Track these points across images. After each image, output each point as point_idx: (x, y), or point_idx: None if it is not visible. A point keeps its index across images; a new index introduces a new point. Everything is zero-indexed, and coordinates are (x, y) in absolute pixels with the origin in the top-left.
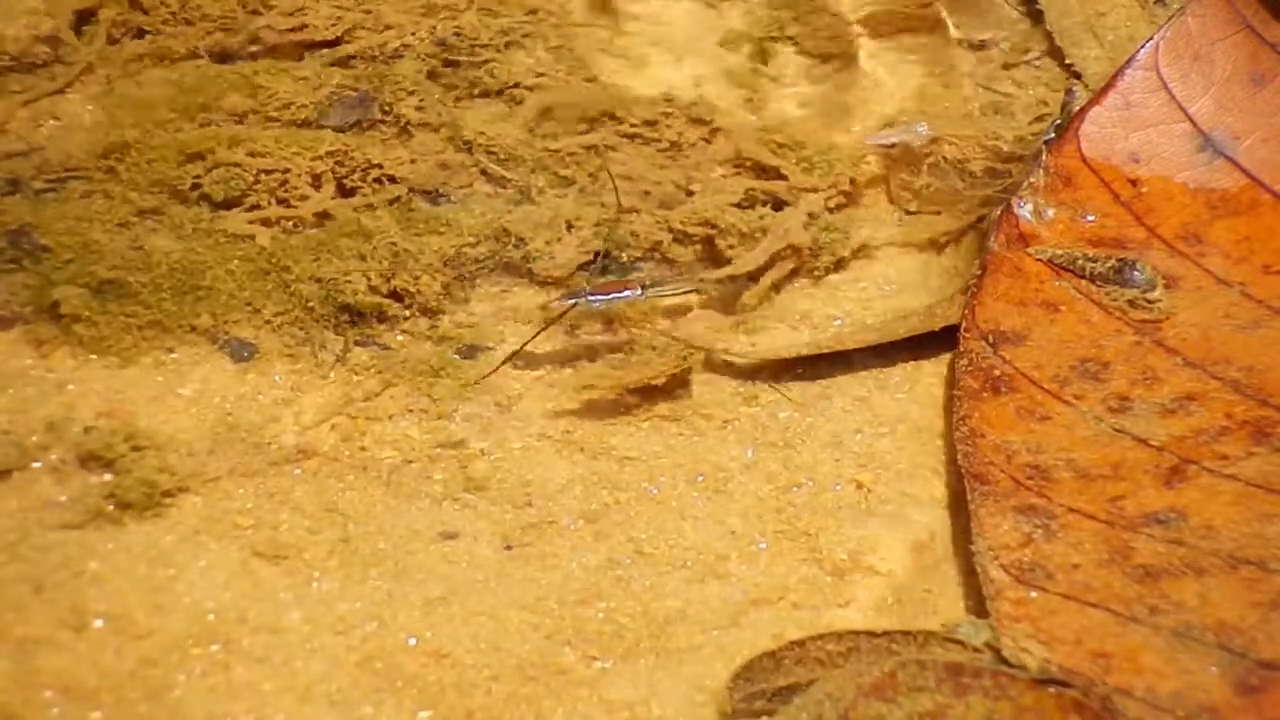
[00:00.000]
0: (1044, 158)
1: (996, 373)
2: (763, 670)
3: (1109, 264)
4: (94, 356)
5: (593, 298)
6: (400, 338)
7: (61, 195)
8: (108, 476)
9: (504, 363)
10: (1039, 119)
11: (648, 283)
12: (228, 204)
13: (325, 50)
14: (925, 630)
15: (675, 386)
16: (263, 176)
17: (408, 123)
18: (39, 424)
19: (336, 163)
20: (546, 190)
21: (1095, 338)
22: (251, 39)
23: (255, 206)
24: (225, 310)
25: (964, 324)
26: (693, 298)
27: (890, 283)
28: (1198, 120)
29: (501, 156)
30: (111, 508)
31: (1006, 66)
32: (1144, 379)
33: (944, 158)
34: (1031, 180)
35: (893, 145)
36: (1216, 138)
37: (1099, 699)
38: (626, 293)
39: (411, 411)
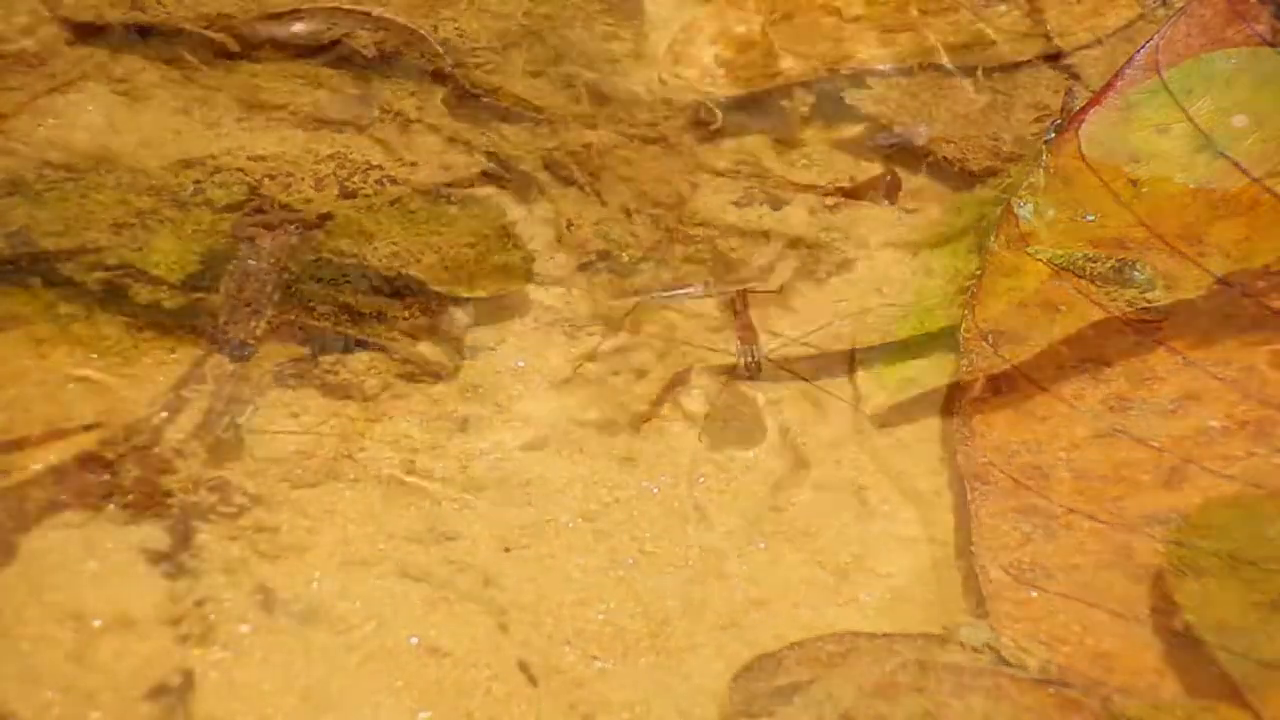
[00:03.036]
0: (1044, 158)
1: (996, 373)
2: (763, 670)
3: (1109, 264)
4: (94, 356)
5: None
6: (400, 339)
7: (61, 195)
8: (107, 476)
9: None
10: (1039, 119)
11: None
12: (229, 207)
13: (325, 50)
14: (925, 631)
15: (675, 386)
16: (265, 180)
17: (408, 123)
18: (39, 424)
19: (338, 165)
20: (546, 190)
21: (1095, 338)
22: (251, 39)
23: (258, 210)
24: (225, 310)
25: (964, 324)
26: (704, 302)
27: (890, 283)
28: (1198, 120)
29: (501, 156)
30: (111, 507)
31: (1006, 66)
32: (1144, 379)
33: (944, 158)
34: (1031, 180)
35: (893, 146)
36: (1216, 138)
37: (1099, 699)
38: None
39: (412, 411)
